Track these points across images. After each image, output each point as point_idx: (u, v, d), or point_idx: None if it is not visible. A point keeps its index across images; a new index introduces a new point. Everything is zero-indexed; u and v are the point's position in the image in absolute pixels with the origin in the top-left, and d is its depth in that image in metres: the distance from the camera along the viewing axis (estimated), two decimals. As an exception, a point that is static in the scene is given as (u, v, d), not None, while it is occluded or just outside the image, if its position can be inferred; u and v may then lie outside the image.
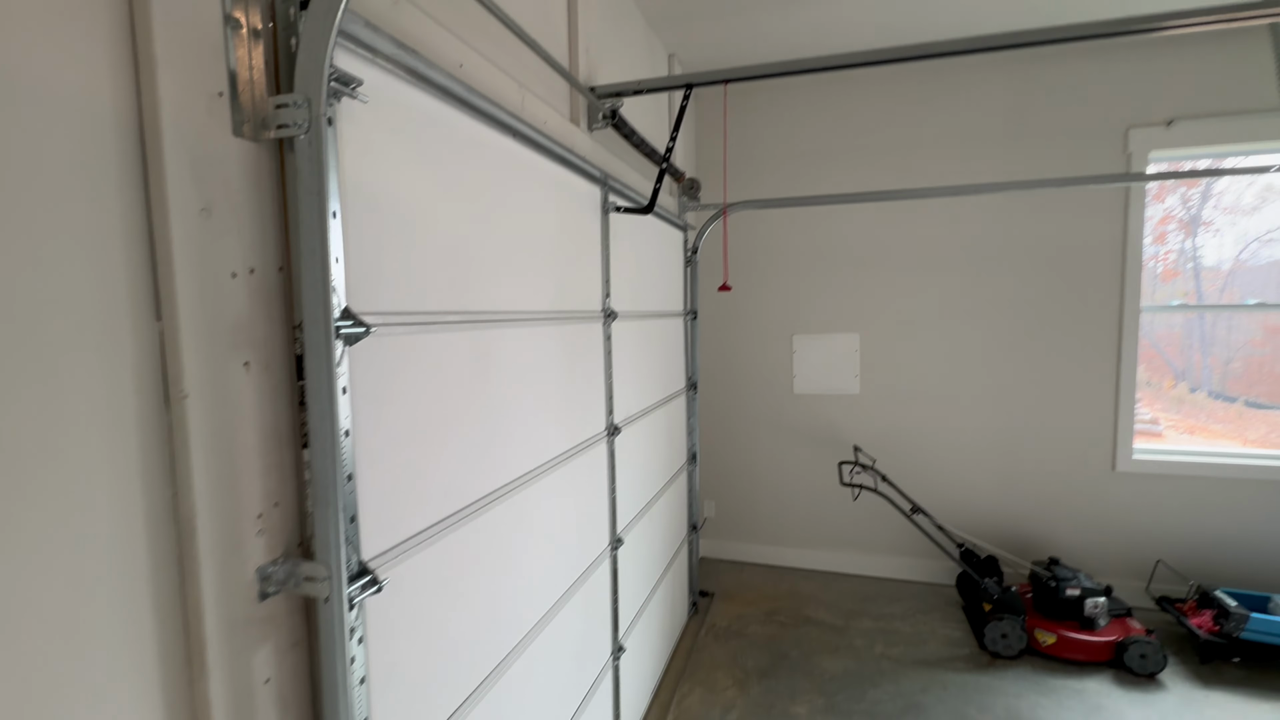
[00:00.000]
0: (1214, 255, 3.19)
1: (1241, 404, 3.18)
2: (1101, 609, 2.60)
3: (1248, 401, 3.17)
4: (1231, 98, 2.77)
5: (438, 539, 1.08)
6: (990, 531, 3.21)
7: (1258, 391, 3.13)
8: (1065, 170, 2.97)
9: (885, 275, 3.26)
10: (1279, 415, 3.04)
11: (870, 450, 3.36)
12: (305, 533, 0.84)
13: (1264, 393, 3.12)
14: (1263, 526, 2.87)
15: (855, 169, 3.25)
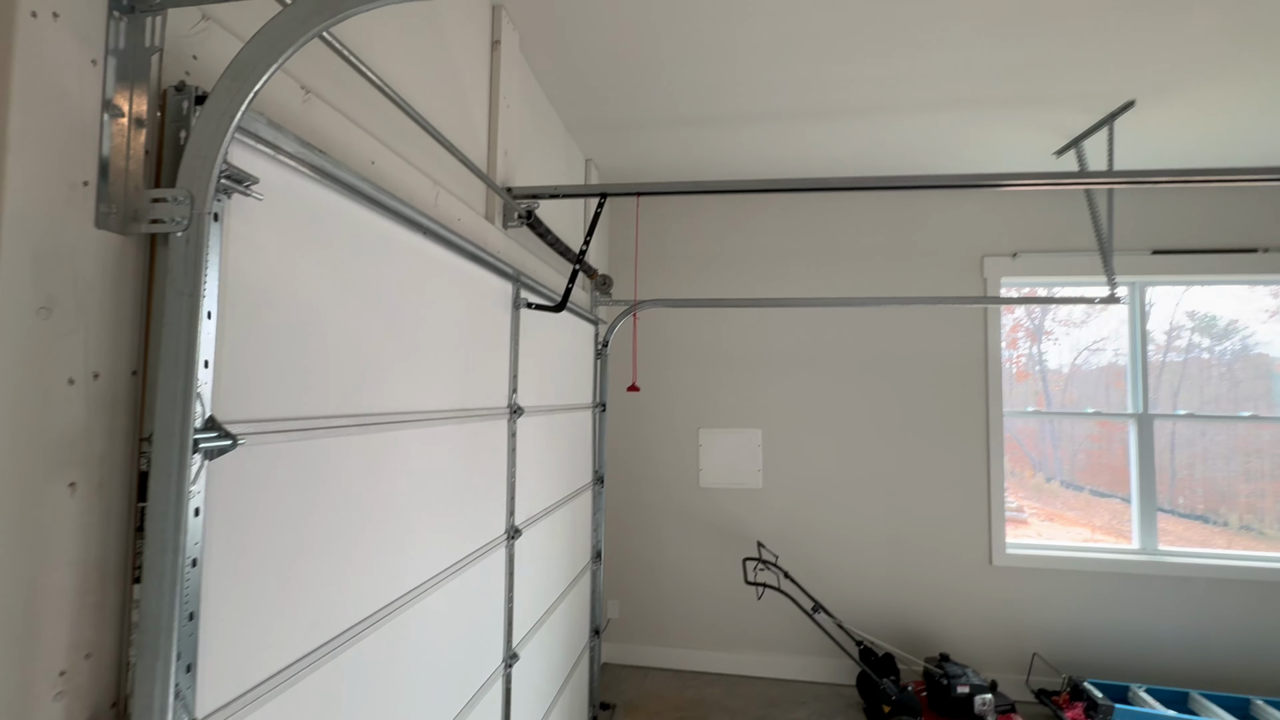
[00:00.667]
0: (1055, 360, 3.65)
1: (1088, 492, 3.55)
2: (989, 706, 2.68)
3: (1092, 490, 3.54)
4: (1062, 238, 3.28)
5: (299, 679, 0.93)
6: (885, 627, 3.28)
7: (1099, 481, 3.51)
8: (937, 289, 3.35)
9: (785, 374, 3.44)
10: (1118, 503, 3.41)
11: (773, 545, 3.40)
12: (123, 690, 0.70)
13: (1104, 482, 3.49)
14: (1119, 616, 3.13)
15: (759, 276, 3.49)
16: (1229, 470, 3.31)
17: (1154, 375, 3.35)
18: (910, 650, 3.25)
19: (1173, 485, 3.32)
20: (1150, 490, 3.23)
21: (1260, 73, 2.15)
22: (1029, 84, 2.27)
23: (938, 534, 3.28)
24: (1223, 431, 3.28)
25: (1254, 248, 3.13)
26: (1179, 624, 3.09)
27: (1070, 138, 2.70)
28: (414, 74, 1.40)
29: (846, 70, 2.19)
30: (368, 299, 1.13)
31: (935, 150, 2.86)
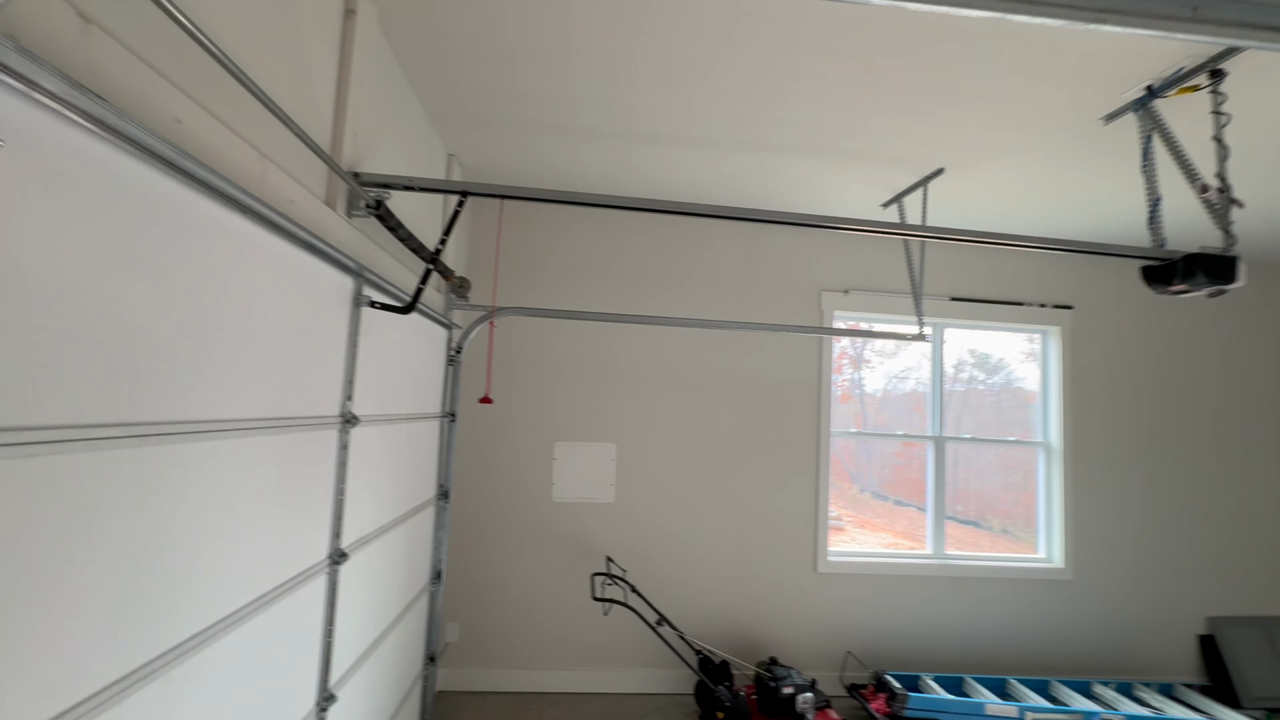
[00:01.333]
0: (871, 385, 4.12)
1: (891, 502, 4.03)
2: (809, 704, 2.90)
3: (895, 500, 4.03)
4: (886, 280, 3.72)
5: (17, 765, 0.72)
6: (724, 635, 3.44)
7: (901, 492, 4.01)
8: (780, 317, 3.63)
9: (640, 390, 3.50)
10: (914, 511, 3.91)
11: (623, 559, 3.42)
12: None
13: (904, 493, 3.99)
14: (915, 614, 3.58)
15: (619, 292, 3.53)
16: (995, 483, 3.95)
17: (945, 401, 3.91)
18: (745, 656, 3.43)
19: (954, 496, 3.88)
20: (942, 502, 3.75)
21: (1034, 158, 2.61)
22: (867, 143, 2.54)
23: (773, 545, 3.52)
24: (991, 451, 3.91)
25: (1021, 301, 3.80)
26: (958, 618, 3.60)
27: (895, 193, 3.07)
28: (244, 29, 1.21)
29: (721, 104, 2.29)
30: (159, 285, 0.94)
31: (789, 189, 3.11)
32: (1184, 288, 1.94)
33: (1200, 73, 1.91)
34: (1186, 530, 3.79)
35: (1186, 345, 3.90)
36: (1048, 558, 3.76)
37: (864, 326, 3.85)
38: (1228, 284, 1.88)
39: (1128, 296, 3.87)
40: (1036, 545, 3.83)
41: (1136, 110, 2.12)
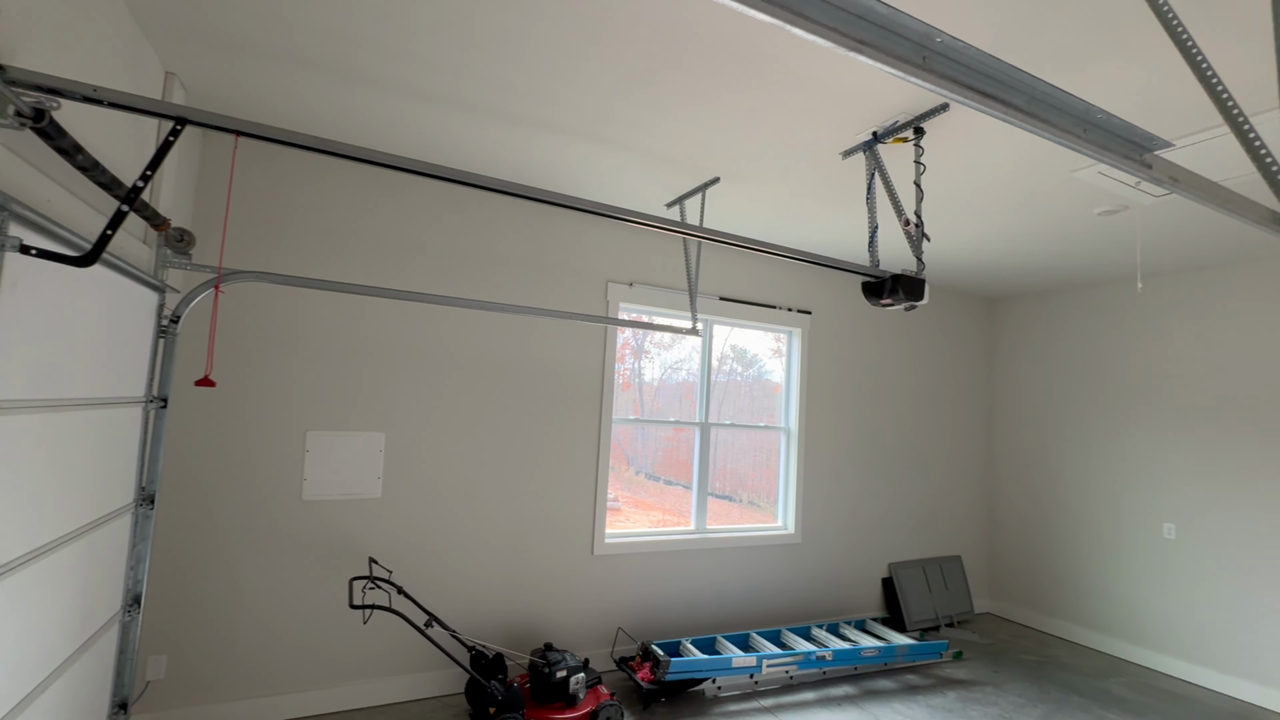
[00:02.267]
0: (650, 374, 4.38)
1: (662, 482, 4.35)
2: (581, 683, 2.98)
3: (665, 480, 4.35)
4: (667, 276, 3.96)
5: None
6: (501, 628, 3.35)
7: (670, 473, 4.34)
8: (568, 304, 3.63)
9: (416, 375, 3.22)
10: (680, 490, 4.27)
11: (390, 559, 3.12)
12: None
13: (673, 474, 4.34)
14: (679, 586, 3.90)
15: (392, 264, 3.19)
16: (746, 462, 4.50)
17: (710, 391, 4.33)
18: (521, 646, 3.39)
19: (713, 474, 4.33)
20: (705, 482, 4.14)
21: (790, 180, 2.99)
22: (657, 143, 2.65)
23: (552, 531, 3.53)
24: (745, 435, 4.43)
25: (774, 304, 4.36)
26: (713, 585, 4.02)
27: (678, 195, 3.27)
28: None
29: (517, 76, 2.17)
30: None
31: (580, 178, 3.10)
32: (890, 302, 2.38)
33: (909, 128, 2.35)
34: (879, 497, 4.75)
35: (889, 349, 4.87)
36: (783, 525, 4.40)
37: (645, 318, 4.05)
38: (918, 301, 2.35)
39: (853, 306, 4.69)
40: (776, 515, 4.46)
41: (865, 150, 2.54)
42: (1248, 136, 1.33)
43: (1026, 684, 3.79)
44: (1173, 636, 4.05)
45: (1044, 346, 4.98)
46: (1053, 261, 4.10)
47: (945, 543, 5.07)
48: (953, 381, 5.19)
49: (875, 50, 0.74)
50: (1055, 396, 4.87)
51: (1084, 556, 4.58)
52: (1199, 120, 2.20)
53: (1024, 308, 5.16)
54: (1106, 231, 3.45)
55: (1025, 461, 5.06)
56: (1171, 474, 4.14)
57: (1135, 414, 4.36)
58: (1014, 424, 5.17)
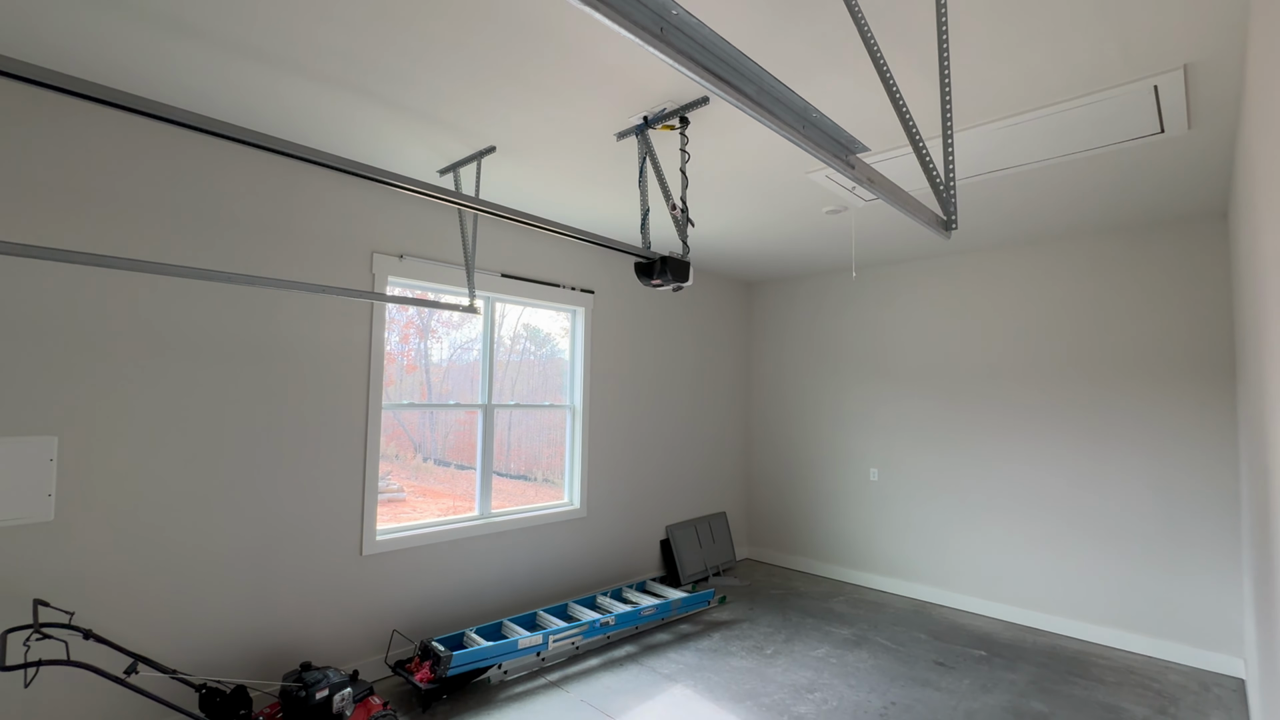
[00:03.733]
0: (438, 355, 4.08)
1: (453, 467, 4.12)
2: (348, 699, 2.68)
3: (457, 465, 4.13)
4: (442, 250, 3.68)
5: None
6: (245, 657, 2.86)
7: (463, 457, 4.13)
8: (326, 277, 3.17)
9: (106, 359, 2.54)
10: (471, 474, 4.09)
11: (72, 598, 2.43)
12: None
13: (466, 458, 4.14)
14: (461, 576, 3.73)
15: (92, 223, 2.44)
16: (541, 440, 4.47)
17: (501, 371, 4.19)
18: (272, 673, 2.93)
19: (508, 455, 4.22)
20: (489, 464, 4.01)
21: (566, 158, 2.96)
22: (429, 104, 2.40)
23: (309, 535, 3.10)
24: (535, 415, 4.40)
25: (558, 283, 4.35)
26: (499, 569, 3.94)
27: (451, 162, 3.04)
28: None
29: (269, 8, 1.76)
30: None
31: (344, 136, 2.70)
32: (659, 282, 2.51)
33: (675, 116, 2.47)
34: (657, 466, 5.10)
35: (664, 328, 5.20)
36: (569, 501, 4.48)
37: (417, 295, 3.74)
38: (684, 282, 2.51)
39: (632, 286, 4.90)
40: (564, 492, 4.51)
41: (637, 135, 2.62)
42: (921, 152, 1.63)
43: (774, 615, 4.42)
44: (875, 558, 5.07)
45: (787, 325, 5.79)
46: (793, 250, 4.75)
47: (713, 502, 5.66)
48: (718, 357, 5.76)
49: (612, 11, 0.72)
50: (794, 368, 5.70)
51: (813, 501, 5.48)
52: (896, 139, 2.69)
53: (773, 291, 5.93)
54: (832, 227, 4.09)
55: (773, 426, 5.85)
56: (876, 429, 5.13)
57: (850, 381, 5.30)
58: (764, 394, 5.94)
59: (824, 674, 3.50)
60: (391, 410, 3.63)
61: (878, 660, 3.70)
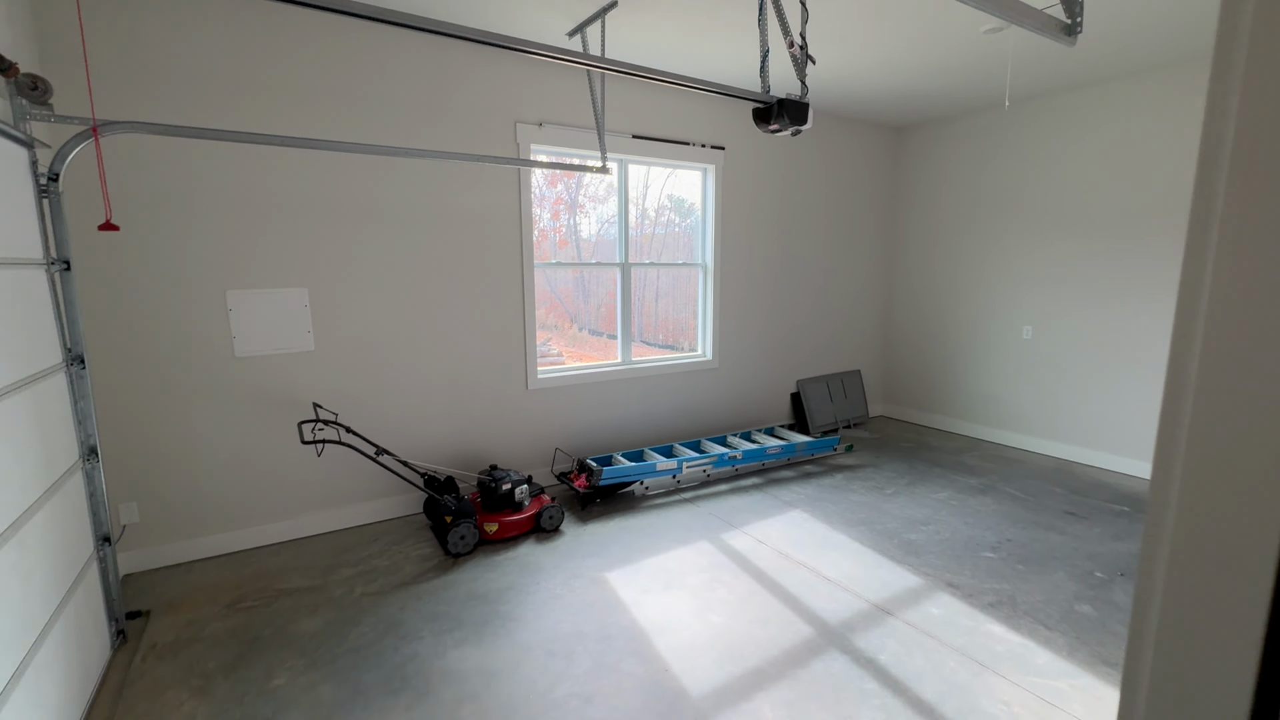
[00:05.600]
0: (587, 230, 4.47)
1: (606, 337, 4.65)
2: (525, 493, 3.45)
3: (609, 335, 4.65)
4: (576, 114, 3.89)
5: None
6: (446, 455, 3.74)
7: (613, 328, 4.63)
8: (479, 148, 3.57)
9: (332, 227, 3.21)
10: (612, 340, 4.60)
11: (332, 404, 3.34)
12: None
13: (611, 328, 4.64)
14: (609, 410, 4.35)
15: (292, 109, 3.02)
16: (685, 313, 4.81)
17: (646, 243, 4.48)
18: (467, 468, 3.81)
19: (655, 325, 4.64)
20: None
21: (688, 6, 2.92)
22: (542, -42, 2.51)
23: (486, 371, 3.81)
24: (680, 286, 4.69)
25: (688, 141, 4.39)
26: (640, 408, 4.50)
27: (578, 22, 3.14)
28: None
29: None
30: None
31: (476, 8, 2.92)
32: (777, 127, 2.52)
33: (796, -60, 2.32)
34: (788, 323, 5.23)
35: (799, 180, 5.05)
36: (702, 353, 4.85)
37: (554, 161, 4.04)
38: (802, 125, 2.50)
39: (764, 139, 4.77)
40: (697, 344, 4.88)
41: (757, -33, 2.51)
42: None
43: (900, 463, 4.59)
44: (1020, 417, 4.90)
45: (937, 171, 5.28)
46: (935, 87, 4.24)
47: (848, 359, 5.71)
48: (857, 210, 5.50)
49: None
50: (945, 219, 5.28)
51: (957, 359, 5.30)
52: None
53: (924, 135, 5.37)
54: (988, 51, 3.59)
55: (918, 282, 5.59)
56: (1033, 283, 4.72)
57: (1006, 231, 4.83)
58: (910, 248, 5.62)
59: (941, 512, 3.69)
60: (545, 277, 4.13)
61: (1001, 506, 3.78)
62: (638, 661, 2.33)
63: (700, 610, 2.66)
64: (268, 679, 2.24)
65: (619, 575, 2.97)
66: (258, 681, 2.22)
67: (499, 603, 2.73)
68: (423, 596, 2.78)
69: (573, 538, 3.38)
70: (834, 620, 2.59)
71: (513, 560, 3.12)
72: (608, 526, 3.51)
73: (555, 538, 3.37)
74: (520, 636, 2.48)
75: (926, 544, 3.28)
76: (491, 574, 2.98)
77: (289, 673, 2.27)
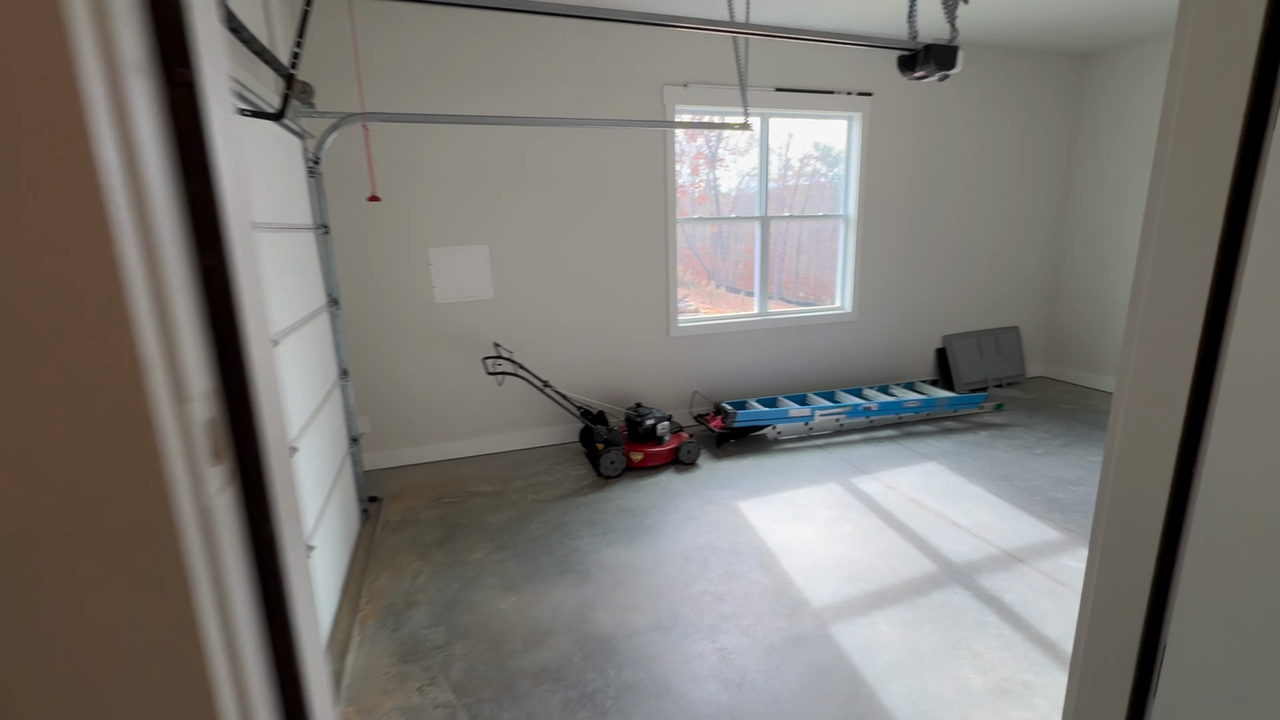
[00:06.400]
0: (726, 185, 4.63)
1: (743, 294, 4.85)
2: (667, 429, 3.83)
3: (746, 292, 4.84)
4: (719, 72, 4.03)
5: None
6: (597, 392, 4.23)
7: (750, 285, 4.80)
8: (627, 112, 3.88)
9: (505, 192, 3.74)
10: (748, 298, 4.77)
11: (507, 344, 3.95)
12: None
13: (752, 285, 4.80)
14: (746, 359, 4.58)
15: (471, 94, 3.54)
16: (829, 270, 4.85)
17: (790, 195, 4.57)
18: (615, 404, 4.29)
19: (795, 283, 4.75)
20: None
21: (836, -50, 2.92)
22: (692, -71, 2.68)
23: (632, 318, 4.21)
24: (821, 241, 4.73)
25: (832, 90, 4.34)
26: (775, 356, 4.67)
27: (723, -17, 3.27)
28: None
29: (544, -117, 2.29)
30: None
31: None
32: (923, 74, 2.52)
33: (951, -125, 2.27)
34: (934, 275, 5.02)
35: (955, 124, 4.75)
36: (841, 305, 4.86)
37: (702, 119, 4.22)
38: (950, 69, 2.48)
39: (915, 84, 4.54)
40: (835, 296, 4.90)
41: (908, -93, 2.47)
42: None
43: (1056, 424, 4.33)
44: (1214, 381, 4.34)
45: (1133, 102, 4.65)
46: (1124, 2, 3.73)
47: (1004, 315, 5.36)
48: (1024, 152, 5.04)
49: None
50: (1138, 155, 4.67)
51: (1142, 317, 4.75)
52: None
53: (1117, 61, 4.72)
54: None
55: (1098, 228, 5.03)
56: (1247, 228, 4.08)
57: (1222, 168, 4.18)
58: (1090, 191, 5.05)
59: (1097, 474, 3.49)
60: (683, 234, 4.40)
61: (1174, 473, 3.48)
62: (764, 573, 2.63)
63: (824, 539, 2.89)
64: (468, 553, 2.86)
65: (749, 505, 3.26)
66: (461, 554, 2.86)
67: (643, 516, 3.16)
68: (581, 507, 3.30)
69: (708, 471, 3.72)
70: (959, 560, 2.68)
71: (655, 485, 3.54)
72: (740, 464, 3.81)
73: (692, 470, 3.74)
74: (661, 545, 2.89)
75: (1074, 503, 3.17)
76: (637, 494, 3.42)
77: (483, 551, 2.88)
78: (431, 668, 2.12)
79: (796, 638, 2.22)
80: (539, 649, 2.20)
